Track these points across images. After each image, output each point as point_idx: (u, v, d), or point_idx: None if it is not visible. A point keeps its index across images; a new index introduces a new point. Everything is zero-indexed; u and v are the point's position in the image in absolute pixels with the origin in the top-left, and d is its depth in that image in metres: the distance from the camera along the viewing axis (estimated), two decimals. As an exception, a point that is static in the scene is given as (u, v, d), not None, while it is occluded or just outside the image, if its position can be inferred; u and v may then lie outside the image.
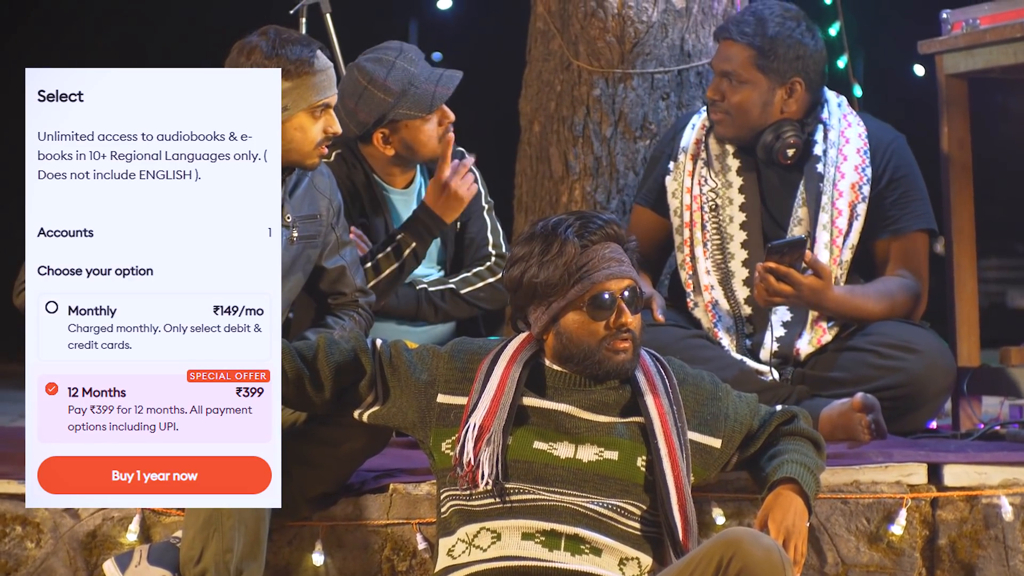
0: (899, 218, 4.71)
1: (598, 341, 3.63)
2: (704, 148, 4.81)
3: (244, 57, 4.03)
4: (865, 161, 4.70)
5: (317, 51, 4.06)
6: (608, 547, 3.56)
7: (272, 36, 4.04)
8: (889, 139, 4.77)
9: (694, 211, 4.78)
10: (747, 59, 4.69)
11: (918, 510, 4.03)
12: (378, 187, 4.82)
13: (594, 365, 3.64)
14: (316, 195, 4.25)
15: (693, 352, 4.57)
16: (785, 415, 3.80)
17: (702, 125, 4.83)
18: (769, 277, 4.45)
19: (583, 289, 3.61)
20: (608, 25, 5.40)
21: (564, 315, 3.64)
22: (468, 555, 3.57)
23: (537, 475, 3.60)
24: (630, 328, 3.63)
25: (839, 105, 4.80)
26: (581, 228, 3.63)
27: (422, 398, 3.70)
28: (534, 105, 5.59)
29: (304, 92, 4.04)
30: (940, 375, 4.61)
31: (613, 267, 3.63)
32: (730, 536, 3.35)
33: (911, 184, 4.74)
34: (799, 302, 4.55)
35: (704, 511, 3.90)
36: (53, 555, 3.98)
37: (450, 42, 5.14)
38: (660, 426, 3.63)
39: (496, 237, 4.91)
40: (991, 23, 4.96)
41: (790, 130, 4.68)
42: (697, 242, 4.77)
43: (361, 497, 4.00)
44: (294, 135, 4.06)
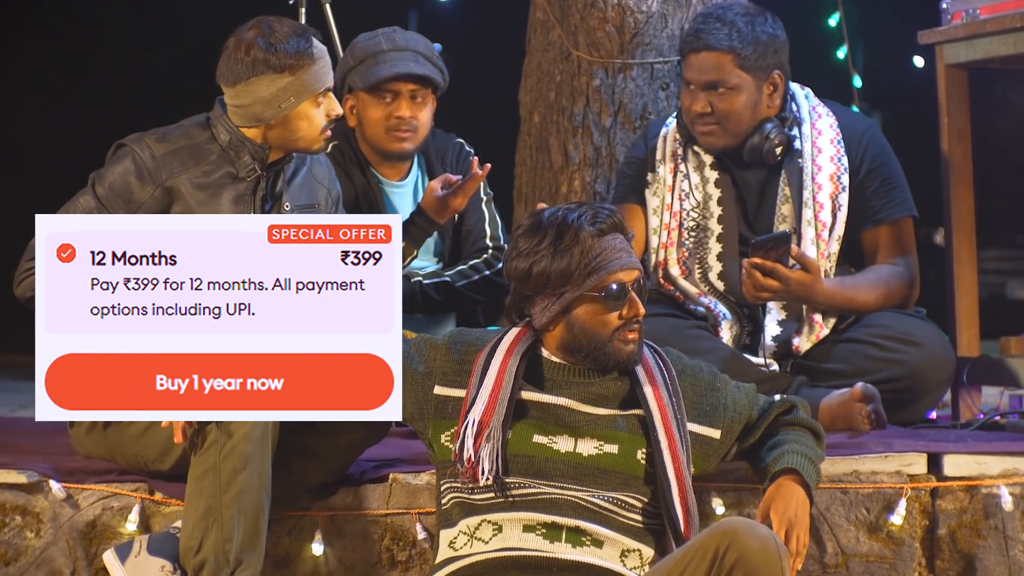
0: (882, 207, 4.70)
1: (611, 331, 3.63)
2: (682, 160, 4.78)
3: (243, 54, 4.03)
4: (840, 151, 4.68)
5: (312, 38, 4.07)
6: (609, 539, 3.56)
7: (267, 30, 4.04)
8: (863, 128, 4.75)
9: (671, 230, 4.75)
10: (730, 63, 4.63)
11: (918, 500, 4.03)
12: (373, 179, 4.82)
13: (604, 356, 3.64)
14: (315, 184, 4.25)
15: (692, 343, 4.56)
16: (784, 405, 3.80)
17: (674, 137, 4.79)
18: (755, 273, 4.44)
19: (599, 279, 3.61)
20: (608, 15, 5.40)
21: (576, 305, 3.63)
22: (470, 547, 3.57)
23: (537, 469, 3.60)
24: (640, 319, 3.64)
25: (806, 97, 4.77)
26: (593, 217, 3.63)
27: (419, 390, 3.70)
28: (534, 95, 5.59)
29: (306, 83, 4.04)
30: (940, 367, 4.60)
31: (625, 258, 3.63)
32: (726, 526, 3.35)
33: (889, 171, 4.73)
34: (788, 297, 4.54)
35: (704, 501, 3.90)
36: (53, 545, 3.99)
37: (450, 32, 5.13)
38: (660, 418, 3.63)
39: (494, 229, 4.91)
40: (991, 13, 4.95)
41: (774, 129, 4.66)
42: (672, 263, 4.74)
43: (361, 487, 4.00)
44: (299, 124, 4.07)
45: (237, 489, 3.65)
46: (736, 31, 4.62)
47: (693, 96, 4.67)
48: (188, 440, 3.68)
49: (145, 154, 4.04)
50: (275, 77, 4.03)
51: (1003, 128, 5.89)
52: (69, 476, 4.01)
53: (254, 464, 3.66)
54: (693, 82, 4.67)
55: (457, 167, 4.90)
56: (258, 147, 4.09)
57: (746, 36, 4.62)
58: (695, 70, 4.66)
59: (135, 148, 4.05)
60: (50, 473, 4.00)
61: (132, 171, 4.02)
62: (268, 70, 4.02)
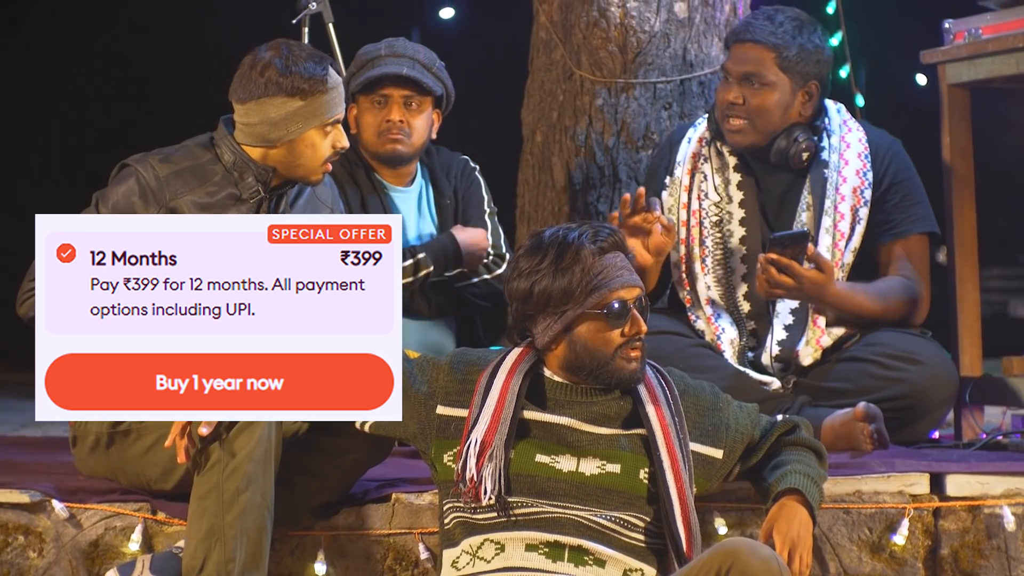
0: (901, 221, 4.72)
1: (613, 349, 3.63)
2: (704, 161, 4.80)
3: (257, 73, 4.03)
4: (866, 165, 4.70)
5: (329, 67, 4.07)
6: (612, 559, 3.56)
7: (285, 52, 4.05)
8: (887, 144, 4.78)
9: (692, 227, 4.77)
10: (771, 60, 4.67)
11: (920, 520, 4.02)
12: (378, 184, 4.84)
13: (607, 374, 3.64)
14: (318, 205, 4.25)
15: (695, 361, 4.56)
16: (786, 425, 3.80)
17: (699, 138, 4.82)
18: (771, 268, 4.46)
19: (601, 297, 3.62)
20: (610, 35, 5.41)
21: (579, 324, 3.64)
22: (472, 566, 3.57)
23: (540, 489, 3.60)
24: (642, 336, 3.64)
25: (838, 111, 4.80)
26: (594, 236, 3.64)
27: (422, 410, 3.70)
28: (536, 115, 5.60)
29: (316, 110, 4.05)
30: (942, 386, 4.60)
31: (626, 275, 3.64)
32: (728, 546, 3.35)
33: (911, 188, 4.75)
34: (800, 295, 4.55)
35: (706, 521, 3.90)
36: (55, 565, 3.99)
37: (452, 52, 5.13)
38: (662, 438, 3.63)
39: (496, 239, 4.92)
40: (993, 33, 4.96)
41: (803, 133, 4.68)
42: (695, 258, 4.76)
43: (363, 507, 4.00)
44: (304, 151, 4.07)
45: (240, 509, 3.65)
46: (783, 31, 4.67)
47: (728, 87, 4.71)
48: (191, 460, 3.69)
49: (149, 175, 4.04)
50: (286, 100, 4.03)
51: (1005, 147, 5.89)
52: (72, 496, 4.00)
53: (257, 484, 3.66)
54: (731, 73, 4.71)
55: (462, 182, 4.93)
56: (262, 169, 4.09)
57: (792, 39, 4.67)
58: (735, 60, 4.71)
59: (139, 169, 4.05)
60: (53, 492, 4.00)
61: (136, 191, 4.02)
62: (280, 92, 4.03)
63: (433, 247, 4.76)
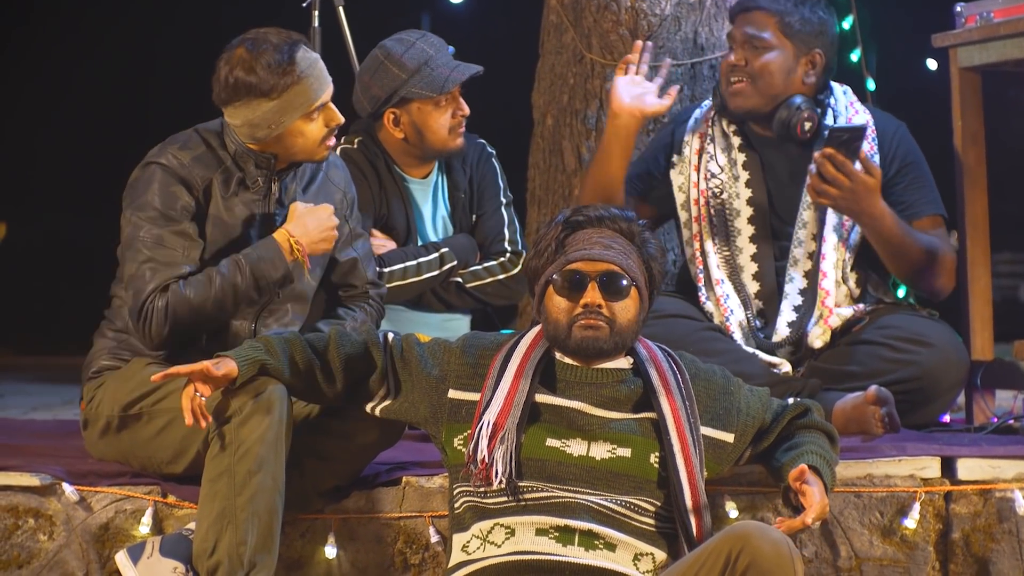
0: (914, 203, 4.71)
1: (569, 319, 3.64)
2: (709, 141, 4.79)
3: (227, 78, 3.98)
4: (873, 148, 4.70)
5: (296, 56, 3.99)
6: (622, 543, 3.55)
7: (249, 49, 3.98)
8: (894, 127, 4.78)
9: (701, 205, 4.77)
10: (774, 24, 4.68)
11: (931, 504, 4.02)
12: (397, 175, 4.83)
13: (563, 341, 3.65)
14: (331, 188, 4.25)
15: (706, 345, 4.56)
16: (798, 408, 3.79)
17: (705, 119, 4.81)
18: (827, 164, 4.43)
19: (558, 267, 3.65)
20: (621, 18, 5.40)
21: (545, 295, 3.67)
22: (483, 551, 3.57)
23: (550, 473, 3.60)
24: (599, 310, 3.63)
25: (844, 93, 4.80)
26: (574, 212, 3.69)
27: (433, 393, 3.70)
28: (547, 98, 5.59)
29: (292, 103, 4.01)
30: (953, 369, 4.60)
31: (595, 250, 3.64)
32: (738, 530, 3.35)
33: (920, 170, 4.76)
34: (850, 199, 4.48)
35: (717, 505, 3.90)
36: (66, 547, 3.99)
37: (463, 35, 5.13)
38: (673, 422, 3.63)
39: (512, 233, 4.92)
40: (1005, 16, 4.94)
41: (804, 103, 4.67)
42: (707, 236, 4.76)
43: (374, 490, 4.00)
44: (295, 140, 4.06)
45: (251, 491, 3.65)
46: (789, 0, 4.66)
47: (731, 54, 4.73)
48: (202, 442, 3.70)
49: (174, 163, 4.03)
50: (260, 101, 3.99)
51: (1017, 131, 5.86)
52: (82, 479, 4.01)
53: (268, 466, 3.66)
54: (735, 38, 4.73)
55: (477, 171, 4.93)
56: (263, 157, 4.08)
57: (794, 7, 4.69)
58: (739, 25, 4.73)
59: (162, 161, 4.03)
60: (63, 476, 4.00)
61: (171, 181, 4.01)
62: (251, 95, 3.99)
63: (452, 243, 4.78)
